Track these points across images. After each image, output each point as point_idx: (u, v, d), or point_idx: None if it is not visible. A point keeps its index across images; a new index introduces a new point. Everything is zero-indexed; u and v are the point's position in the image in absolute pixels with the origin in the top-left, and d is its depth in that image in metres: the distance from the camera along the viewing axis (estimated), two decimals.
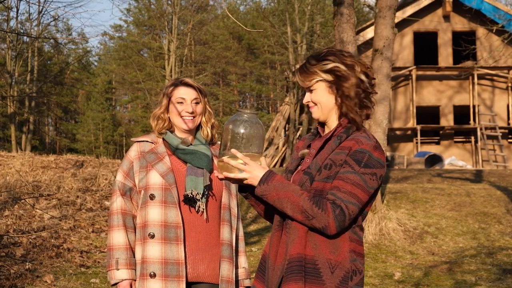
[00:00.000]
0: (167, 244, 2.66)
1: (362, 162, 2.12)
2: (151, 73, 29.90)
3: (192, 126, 2.84)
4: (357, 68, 2.22)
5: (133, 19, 37.61)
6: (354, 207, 2.09)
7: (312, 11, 23.24)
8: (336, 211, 2.06)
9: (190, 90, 2.86)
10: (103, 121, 41.31)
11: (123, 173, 2.83)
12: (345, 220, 2.07)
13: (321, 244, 2.12)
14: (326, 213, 2.06)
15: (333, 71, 2.22)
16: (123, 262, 2.71)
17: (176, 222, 2.68)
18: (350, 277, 2.12)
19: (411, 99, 19.92)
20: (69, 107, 41.49)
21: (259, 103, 44.54)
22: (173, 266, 2.64)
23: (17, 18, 26.61)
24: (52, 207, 8.73)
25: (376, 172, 2.14)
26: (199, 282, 2.73)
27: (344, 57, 2.23)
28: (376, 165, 2.14)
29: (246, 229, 8.75)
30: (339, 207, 2.07)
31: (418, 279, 6.70)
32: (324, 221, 2.06)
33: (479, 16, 19.52)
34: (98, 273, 6.08)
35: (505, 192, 11.16)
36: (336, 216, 2.06)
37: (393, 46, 9.30)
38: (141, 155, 2.81)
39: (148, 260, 2.67)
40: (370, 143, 2.15)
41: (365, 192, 2.12)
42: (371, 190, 2.13)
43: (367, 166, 2.12)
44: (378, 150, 2.16)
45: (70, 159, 13.46)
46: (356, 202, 2.09)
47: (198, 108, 2.86)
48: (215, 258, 2.75)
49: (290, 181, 2.22)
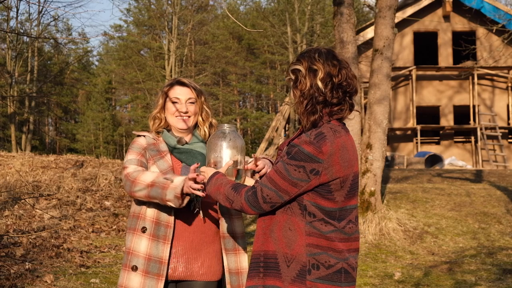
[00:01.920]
0: (154, 241, 2.67)
1: (290, 154, 2.21)
2: (151, 73, 29.91)
3: (186, 126, 2.84)
4: (319, 73, 2.25)
5: (133, 19, 37.61)
6: (269, 191, 2.20)
7: (312, 11, 23.25)
8: (248, 193, 2.23)
9: (185, 89, 2.86)
10: (103, 121, 41.30)
11: (137, 153, 2.78)
12: (258, 201, 2.21)
13: (279, 238, 2.22)
14: (239, 195, 2.24)
15: (295, 72, 2.31)
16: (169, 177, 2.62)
17: (167, 221, 2.69)
18: (308, 270, 2.16)
19: (411, 99, 19.92)
20: (69, 107, 41.50)
21: (259, 103, 44.53)
22: (155, 264, 2.65)
23: (17, 18, 26.61)
24: (52, 207, 8.73)
25: (303, 165, 2.18)
26: (193, 280, 2.74)
27: (314, 60, 2.28)
28: (304, 158, 2.18)
29: (246, 229, 8.76)
30: (254, 189, 2.23)
31: (418, 279, 6.70)
32: (238, 203, 2.24)
33: (479, 16, 19.52)
34: (98, 273, 6.08)
35: (505, 192, 11.16)
36: (247, 197, 2.22)
37: (393, 46, 9.30)
38: (147, 146, 2.82)
39: (134, 252, 2.68)
40: (305, 139, 2.21)
41: (285, 180, 2.19)
42: (294, 180, 2.18)
43: (294, 158, 2.19)
44: (312, 145, 2.19)
45: (70, 159, 13.46)
46: (272, 187, 2.20)
47: (193, 108, 2.85)
48: (210, 255, 2.75)
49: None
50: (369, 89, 9.34)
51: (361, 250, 7.96)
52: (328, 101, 2.25)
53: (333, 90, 2.24)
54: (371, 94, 9.25)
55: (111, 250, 7.15)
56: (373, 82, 9.23)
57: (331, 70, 2.25)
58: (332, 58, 2.28)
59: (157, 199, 2.58)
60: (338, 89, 2.25)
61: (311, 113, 2.26)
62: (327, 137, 2.19)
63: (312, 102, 2.25)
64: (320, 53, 2.28)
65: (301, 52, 2.38)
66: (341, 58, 2.31)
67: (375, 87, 9.21)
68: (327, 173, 2.19)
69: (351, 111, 2.32)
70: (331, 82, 2.24)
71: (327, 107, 2.26)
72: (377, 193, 9.04)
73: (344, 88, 2.26)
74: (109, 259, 6.73)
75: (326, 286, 2.17)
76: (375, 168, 9.03)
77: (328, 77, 2.24)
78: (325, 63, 2.26)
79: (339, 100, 2.26)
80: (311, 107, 2.25)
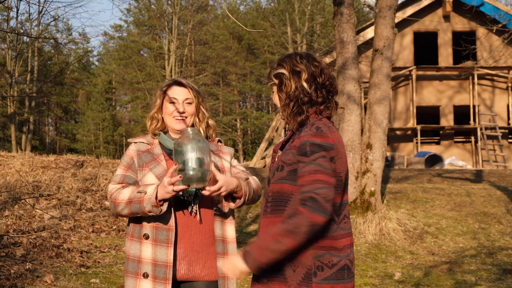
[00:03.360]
0: (157, 246, 2.68)
1: (307, 152, 2.18)
2: (151, 73, 29.91)
3: (182, 127, 2.83)
4: (303, 75, 2.30)
5: (133, 19, 37.62)
6: (322, 190, 2.12)
7: (312, 11, 23.25)
8: (307, 204, 2.10)
9: (183, 90, 2.85)
10: (103, 121, 41.31)
11: (124, 167, 2.81)
12: (322, 204, 2.10)
13: None
14: (300, 213, 2.11)
15: (278, 76, 2.34)
16: (142, 189, 2.67)
17: (168, 225, 2.69)
18: (314, 273, 2.16)
19: (411, 99, 19.92)
20: (69, 107, 41.50)
21: (259, 103, 44.53)
22: (161, 268, 2.66)
23: (17, 18, 26.62)
24: (52, 207, 8.73)
25: (324, 154, 2.18)
26: (196, 281, 2.76)
27: (296, 63, 2.32)
28: (320, 149, 2.18)
29: (246, 229, 8.76)
30: (308, 198, 2.11)
31: (418, 279, 6.70)
32: (306, 221, 2.09)
33: (479, 16, 19.52)
34: (98, 273, 6.08)
35: (505, 192, 11.16)
36: (310, 207, 2.10)
37: (393, 46, 9.30)
38: (138, 154, 2.81)
39: (143, 260, 2.70)
40: (308, 133, 2.21)
41: (326, 174, 2.15)
42: (330, 171, 2.16)
43: (313, 152, 2.17)
44: (318, 135, 2.20)
45: (70, 159, 13.45)
46: (323, 185, 2.13)
47: (190, 109, 2.84)
48: (211, 256, 2.76)
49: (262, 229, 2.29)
50: (369, 89, 9.33)
51: (361, 250, 7.96)
52: (314, 100, 2.30)
53: (317, 90, 2.30)
54: (371, 94, 9.25)
55: (111, 250, 7.15)
56: (373, 82, 9.23)
57: (314, 71, 2.30)
58: (313, 60, 2.34)
59: (139, 213, 2.66)
60: (322, 89, 2.31)
61: (298, 114, 2.30)
62: (325, 131, 2.23)
63: (298, 103, 2.30)
64: (301, 56, 2.35)
65: (280, 58, 2.43)
66: (320, 59, 2.37)
67: (375, 87, 9.21)
68: (337, 163, 2.22)
69: (336, 109, 2.37)
70: (315, 82, 2.30)
71: (312, 107, 2.31)
72: (377, 193, 9.04)
73: (328, 87, 2.33)
74: (109, 259, 6.73)
75: (331, 285, 2.18)
76: (375, 168, 9.03)
77: (312, 78, 2.30)
78: (308, 64, 2.31)
79: (324, 99, 2.32)
80: (297, 108, 2.30)
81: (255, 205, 9.58)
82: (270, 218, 2.26)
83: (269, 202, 2.29)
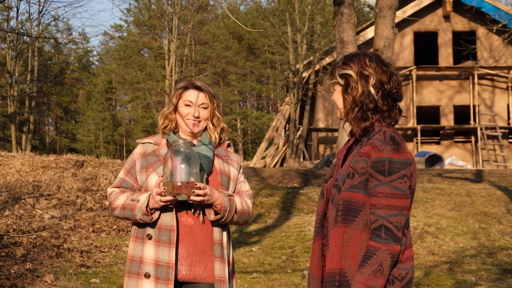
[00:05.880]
0: (160, 246, 2.70)
1: (385, 171, 2.10)
2: (151, 73, 29.91)
3: (196, 130, 2.84)
4: (371, 79, 2.20)
5: (133, 19, 37.65)
6: (396, 217, 2.08)
7: (313, 11, 23.23)
8: (380, 236, 2.07)
9: (199, 94, 2.86)
10: (103, 121, 41.34)
11: (125, 171, 2.87)
12: (395, 233, 2.06)
13: (351, 256, 2.13)
14: (377, 249, 2.07)
15: (345, 76, 2.23)
16: (135, 197, 2.74)
17: (170, 225, 2.70)
18: (385, 287, 2.10)
19: (411, 99, 19.92)
20: (69, 107, 41.53)
21: (259, 103, 44.56)
22: (163, 268, 2.67)
23: (17, 18, 26.63)
24: (52, 207, 8.73)
25: (404, 173, 2.10)
26: (197, 282, 2.76)
27: (365, 65, 2.21)
28: (400, 167, 2.10)
29: (246, 229, 8.76)
30: (381, 227, 2.07)
31: (418, 279, 6.70)
32: (386, 255, 2.07)
33: (479, 16, 19.52)
34: (98, 273, 6.08)
35: (505, 192, 11.16)
36: (384, 240, 2.06)
37: (393, 46, 9.30)
38: (143, 156, 2.83)
39: (145, 260, 2.71)
40: (386, 148, 2.12)
41: (401, 198, 2.09)
42: (406, 192, 2.10)
43: (392, 172, 2.09)
44: (397, 151, 2.12)
45: (70, 159, 13.46)
46: (397, 212, 2.07)
47: (205, 113, 2.86)
48: (213, 258, 2.77)
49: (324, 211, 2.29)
50: None
51: None
52: (379, 108, 2.20)
53: (383, 97, 2.20)
54: None
55: (111, 250, 7.15)
56: None
57: (383, 77, 2.20)
58: (382, 64, 2.22)
59: (131, 219, 2.74)
60: (388, 97, 2.21)
61: (362, 120, 2.20)
62: (403, 145, 2.15)
63: (363, 109, 2.19)
64: (370, 58, 2.22)
65: (347, 56, 2.29)
66: (387, 63, 2.25)
67: None
68: (413, 177, 2.16)
69: (400, 117, 2.27)
70: (382, 89, 2.19)
71: (376, 114, 2.21)
72: None
73: (394, 95, 2.22)
74: (109, 259, 6.73)
75: None
76: None
77: (380, 84, 2.19)
78: (377, 68, 2.20)
79: (389, 107, 2.21)
80: (361, 113, 2.20)
81: (255, 205, 9.58)
82: (341, 227, 2.16)
83: (339, 210, 2.18)
